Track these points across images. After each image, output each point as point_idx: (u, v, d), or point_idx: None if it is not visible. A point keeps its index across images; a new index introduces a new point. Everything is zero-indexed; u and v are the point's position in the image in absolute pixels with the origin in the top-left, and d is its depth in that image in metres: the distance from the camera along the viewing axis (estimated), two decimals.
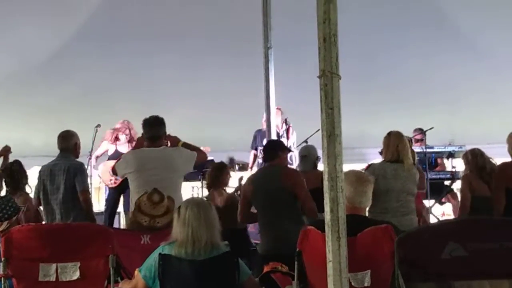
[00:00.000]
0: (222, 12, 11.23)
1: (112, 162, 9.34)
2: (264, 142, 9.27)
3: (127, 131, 9.61)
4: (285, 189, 6.27)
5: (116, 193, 9.10)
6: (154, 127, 6.54)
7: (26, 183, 7.18)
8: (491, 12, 11.24)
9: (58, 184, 6.98)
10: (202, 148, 8.32)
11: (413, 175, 6.35)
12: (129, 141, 9.58)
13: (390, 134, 6.54)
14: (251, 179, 6.84)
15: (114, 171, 6.99)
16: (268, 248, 6.30)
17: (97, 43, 11.40)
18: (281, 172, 6.45)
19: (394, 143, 6.43)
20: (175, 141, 6.74)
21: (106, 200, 9.72)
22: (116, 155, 9.46)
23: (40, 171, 7.24)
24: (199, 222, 4.44)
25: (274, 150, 6.68)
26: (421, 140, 10.17)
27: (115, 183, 9.20)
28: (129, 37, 11.46)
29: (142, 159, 6.42)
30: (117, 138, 9.66)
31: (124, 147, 9.51)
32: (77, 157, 7.28)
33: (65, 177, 6.97)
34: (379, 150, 7.06)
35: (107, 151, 9.79)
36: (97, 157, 9.97)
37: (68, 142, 7.15)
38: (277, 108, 9.72)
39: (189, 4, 11.12)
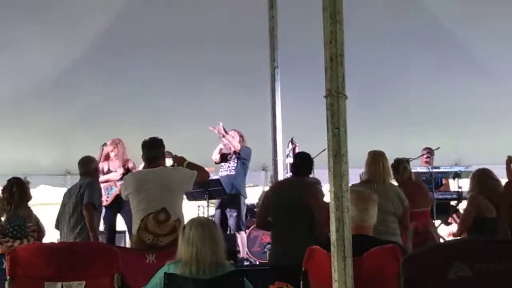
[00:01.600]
0: (227, 29, 11.27)
1: (102, 180, 9.47)
2: None
3: (115, 149, 9.63)
4: (307, 205, 6.32)
5: (111, 211, 9.23)
6: (151, 149, 6.69)
7: (28, 199, 7.23)
8: (501, 38, 11.28)
9: (71, 200, 7.44)
10: (206, 168, 8.43)
11: (392, 194, 6.34)
12: (117, 158, 9.66)
13: (368, 153, 6.60)
14: (275, 188, 7.08)
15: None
16: (278, 259, 6.37)
17: (100, 61, 11.44)
18: (308, 187, 6.50)
19: (369, 163, 6.50)
20: (181, 161, 6.87)
21: (104, 219, 9.73)
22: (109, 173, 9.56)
23: (64, 196, 7.77)
24: (203, 242, 4.42)
25: (306, 166, 6.81)
26: (429, 161, 10.17)
27: (106, 201, 9.26)
28: (133, 64, 11.51)
29: (140, 180, 6.53)
30: (107, 156, 9.69)
31: (115, 164, 9.56)
32: (98, 179, 7.72)
33: (77, 192, 7.52)
34: (360, 173, 7.10)
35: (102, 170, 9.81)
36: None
37: (89, 167, 7.81)
38: (235, 131, 9.93)
39: (193, 25, 11.16)
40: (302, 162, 6.91)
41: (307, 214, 6.31)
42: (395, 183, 7.18)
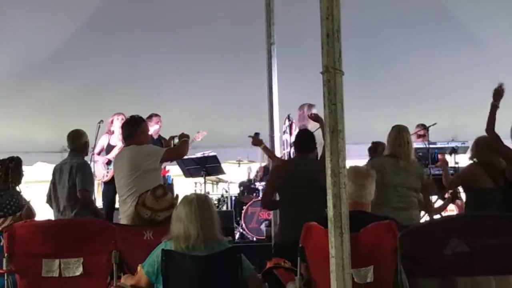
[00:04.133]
0: (224, 6, 11.21)
1: (103, 157, 9.48)
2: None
3: (117, 122, 9.62)
4: (319, 181, 6.32)
5: (111, 187, 9.02)
6: (125, 127, 7.03)
7: (19, 183, 6.83)
8: (490, 2, 11.23)
9: (64, 182, 7.29)
10: (197, 133, 8.74)
11: (415, 170, 6.36)
12: (112, 133, 9.70)
13: (392, 128, 6.56)
14: (284, 168, 6.99)
15: None
16: (289, 236, 6.32)
17: (97, 38, 11.38)
18: (317, 164, 6.49)
19: (394, 138, 6.47)
20: (167, 142, 7.56)
21: (103, 195, 9.74)
22: (108, 148, 9.53)
23: (53, 171, 7.56)
24: (190, 218, 4.46)
25: (309, 143, 6.80)
26: (424, 136, 10.13)
27: (106, 176, 9.27)
28: (130, 31, 11.44)
29: (115, 159, 7.19)
30: (110, 130, 9.69)
31: (114, 139, 9.55)
32: (87, 155, 7.77)
33: (69, 175, 7.33)
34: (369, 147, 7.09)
35: (103, 146, 9.79)
36: (98, 154, 9.96)
37: (79, 142, 7.58)
38: (155, 115, 9.95)
39: (189, 3, 11.11)
40: (306, 140, 6.91)
41: (320, 190, 6.32)
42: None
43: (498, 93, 6.85)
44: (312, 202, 6.22)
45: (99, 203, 9.53)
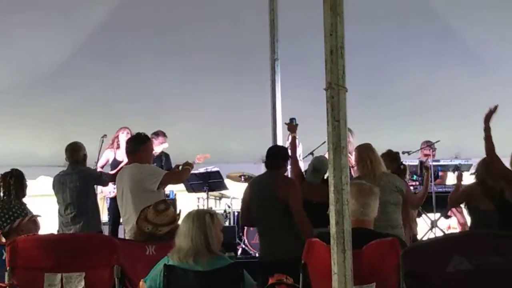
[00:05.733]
0: (228, 24, 11.23)
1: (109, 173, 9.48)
2: None
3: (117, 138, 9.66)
4: (280, 199, 6.32)
5: (116, 203, 9.10)
6: (130, 143, 7.11)
7: (23, 196, 6.84)
8: (497, 27, 11.21)
9: (69, 192, 7.27)
10: (200, 155, 8.67)
11: (386, 184, 6.35)
12: (117, 148, 9.71)
13: (355, 150, 6.65)
14: (251, 184, 7.05)
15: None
16: (263, 254, 6.45)
17: (101, 55, 11.39)
18: (279, 181, 6.50)
19: (357, 160, 6.55)
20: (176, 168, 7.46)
21: (108, 210, 9.76)
22: (115, 163, 9.51)
23: (52, 184, 7.54)
24: (184, 233, 4.52)
25: (278, 159, 6.72)
26: (429, 155, 10.14)
27: (114, 192, 9.26)
28: (134, 50, 11.47)
29: (117, 178, 7.11)
30: (118, 145, 9.68)
31: (121, 154, 9.56)
32: (84, 167, 7.57)
33: (76, 184, 7.45)
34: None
35: (108, 160, 9.79)
36: (101, 167, 9.97)
37: (78, 155, 7.56)
38: (163, 134, 10.00)
39: (194, 17, 11.13)
40: (275, 156, 6.86)
41: (282, 208, 6.33)
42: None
43: (488, 116, 6.88)
44: (274, 219, 6.27)
45: (105, 218, 9.57)
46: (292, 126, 8.00)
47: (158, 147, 9.72)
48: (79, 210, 7.42)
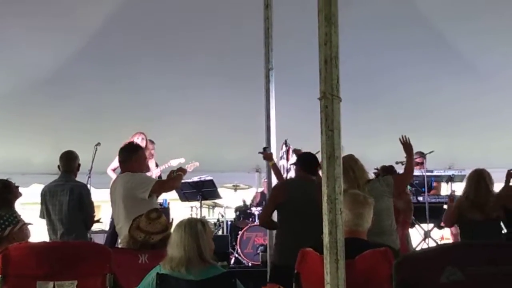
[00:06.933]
0: (223, 33, 11.24)
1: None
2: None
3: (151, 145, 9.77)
4: (318, 205, 6.31)
5: None
6: (122, 153, 7.01)
7: (8, 205, 6.70)
8: (490, 36, 11.24)
9: (61, 205, 7.19)
10: (189, 164, 8.67)
11: (373, 191, 6.31)
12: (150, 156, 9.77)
13: None
14: (286, 187, 6.95)
15: None
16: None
17: (96, 62, 11.39)
18: (318, 187, 6.48)
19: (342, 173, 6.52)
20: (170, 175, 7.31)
21: (112, 218, 9.73)
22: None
23: (43, 192, 7.40)
24: (176, 242, 4.52)
25: (315, 165, 6.73)
26: (421, 164, 10.16)
27: None
28: (129, 57, 11.47)
29: (111, 187, 7.04)
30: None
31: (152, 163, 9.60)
32: (76, 176, 7.52)
33: (68, 197, 7.31)
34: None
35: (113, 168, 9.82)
36: (113, 170, 9.94)
37: (73, 164, 7.50)
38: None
39: (190, 24, 11.13)
40: (309, 161, 6.90)
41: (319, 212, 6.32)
42: None
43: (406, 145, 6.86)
44: (310, 223, 6.22)
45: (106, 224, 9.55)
46: (267, 154, 8.01)
47: (173, 161, 9.96)
48: (73, 221, 7.36)
